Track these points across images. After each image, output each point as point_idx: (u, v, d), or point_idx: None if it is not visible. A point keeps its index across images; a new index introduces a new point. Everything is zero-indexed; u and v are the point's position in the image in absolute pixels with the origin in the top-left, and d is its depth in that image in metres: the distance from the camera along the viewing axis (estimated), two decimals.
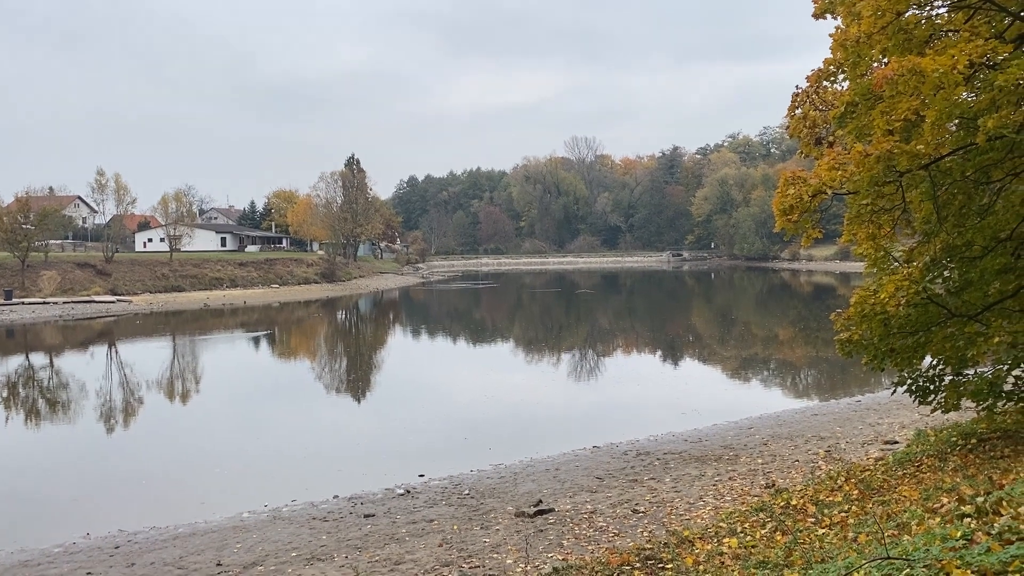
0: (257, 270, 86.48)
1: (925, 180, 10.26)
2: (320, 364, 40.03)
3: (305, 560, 11.71)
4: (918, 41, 10.33)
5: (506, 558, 10.96)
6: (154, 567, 11.82)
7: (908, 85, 8.95)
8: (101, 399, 28.88)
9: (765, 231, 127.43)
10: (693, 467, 16.15)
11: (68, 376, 35.55)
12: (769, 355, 39.42)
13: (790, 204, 10.52)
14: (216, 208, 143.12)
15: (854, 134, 10.67)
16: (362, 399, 29.30)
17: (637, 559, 8.65)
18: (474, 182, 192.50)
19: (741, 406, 23.61)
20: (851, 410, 21.84)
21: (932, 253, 11.14)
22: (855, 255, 12.59)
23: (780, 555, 7.25)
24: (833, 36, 10.81)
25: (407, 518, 13.72)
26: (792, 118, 12.49)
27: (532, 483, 15.74)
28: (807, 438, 18.19)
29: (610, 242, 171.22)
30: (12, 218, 67.83)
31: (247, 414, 26.22)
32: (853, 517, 8.67)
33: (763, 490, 13.37)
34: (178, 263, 80.00)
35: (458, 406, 26.42)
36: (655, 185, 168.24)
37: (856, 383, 27.88)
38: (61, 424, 25.99)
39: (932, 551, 4.90)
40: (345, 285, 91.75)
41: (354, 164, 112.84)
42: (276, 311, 67.72)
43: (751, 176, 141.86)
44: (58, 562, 12.35)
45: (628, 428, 20.75)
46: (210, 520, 14.37)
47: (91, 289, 68.48)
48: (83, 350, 45.60)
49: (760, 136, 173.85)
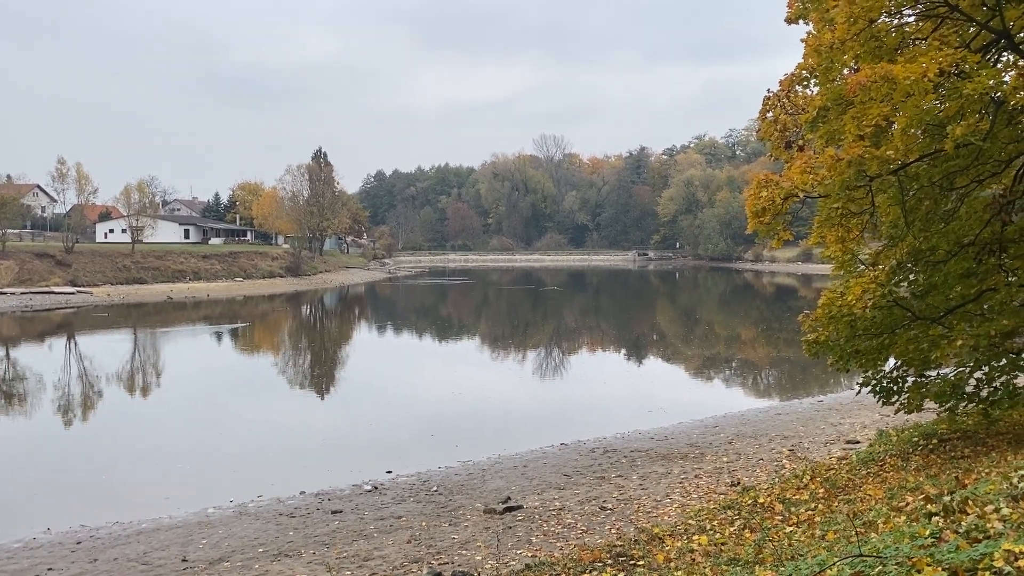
0: (221, 263, 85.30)
1: (894, 185, 10.47)
2: (285, 359, 39.64)
3: (272, 556, 11.61)
4: (888, 48, 10.52)
5: (475, 555, 10.97)
6: (117, 563, 11.64)
7: (879, 92, 9.11)
8: (60, 392, 28.31)
9: (729, 232, 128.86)
10: (660, 465, 16.30)
11: (25, 369, 34.80)
12: (733, 354, 39.88)
13: (762, 206, 10.66)
14: (180, 199, 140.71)
15: (825, 138, 10.84)
16: (328, 395, 29.09)
17: (608, 556, 8.71)
18: (442, 178, 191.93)
19: (706, 405, 23.87)
20: (814, 410, 22.19)
21: (898, 257, 11.38)
22: (823, 257, 12.80)
23: (750, 552, 7.35)
24: (806, 41, 10.96)
25: (375, 514, 13.67)
26: (763, 121, 12.62)
27: (501, 480, 15.77)
28: (771, 437, 18.45)
29: (577, 240, 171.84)
30: None
31: (211, 409, 25.88)
32: (820, 515, 8.82)
33: (729, 488, 13.54)
34: (140, 255, 78.64)
35: (425, 403, 26.35)
36: (622, 184, 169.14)
37: (818, 383, 28.35)
38: (18, 418, 25.42)
39: (902, 549, 5.00)
40: (311, 279, 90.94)
41: (321, 157, 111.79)
42: (240, 305, 66.91)
43: (716, 178, 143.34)
44: (18, 557, 12.10)
45: (595, 426, 20.87)
46: (174, 515, 14.18)
47: (50, 280, 67.05)
48: (41, 342, 44.66)
49: (726, 138, 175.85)
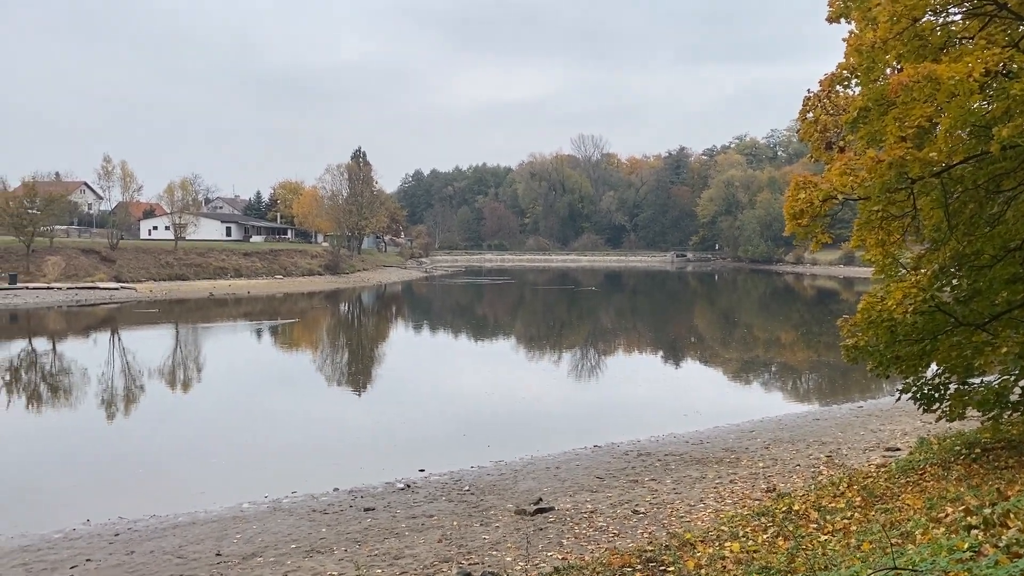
0: (262, 261, 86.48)
1: (936, 188, 10.22)
2: (322, 356, 40.04)
3: (304, 552, 11.71)
4: (933, 48, 10.26)
5: (505, 556, 10.94)
6: (153, 555, 11.82)
7: (923, 92, 8.89)
8: (103, 386, 28.90)
9: (770, 234, 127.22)
10: (694, 469, 16.12)
11: (70, 362, 35.59)
12: (771, 358, 39.36)
13: (801, 208, 10.47)
14: (222, 197, 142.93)
15: (866, 139, 10.61)
16: (363, 392, 29.30)
17: (638, 561, 8.62)
18: (479, 178, 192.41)
19: (743, 409, 23.59)
20: (853, 415, 21.80)
21: (941, 261, 11.09)
22: (863, 261, 12.55)
23: (783, 561, 7.22)
24: (848, 41, 10.73)
25: (407, 513, 13.72)
26: (803, 122, 12.41)
27: (532, 481, 15.72)
28: (809, 442, 18.15)
29: (614, 241, 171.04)
30: (18, 203, 67.96)
31: (249, 404, 26.22)
32: (856, 524, 8.64)
33: (764, 494, 13.34)
34: (183, 252, 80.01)
35: (459, 402, 26.41)
36: (661, 185, 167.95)
37: (858, 388, 27.84)
38: (63, 410, 26.01)
39: (939, 562, 4.87)
40: (348, 278, 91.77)
41: (360, 157, 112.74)
42: (280, 302, 67.75)
43: (757, 178, 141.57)
44: (58, 548, 12.35)
45: (629, 428, 20.73)
46: (210, 510, 14.37)
47: (95, 275, 68.52)
48: (86, 336, 45.65)
49: (767, 139, 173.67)
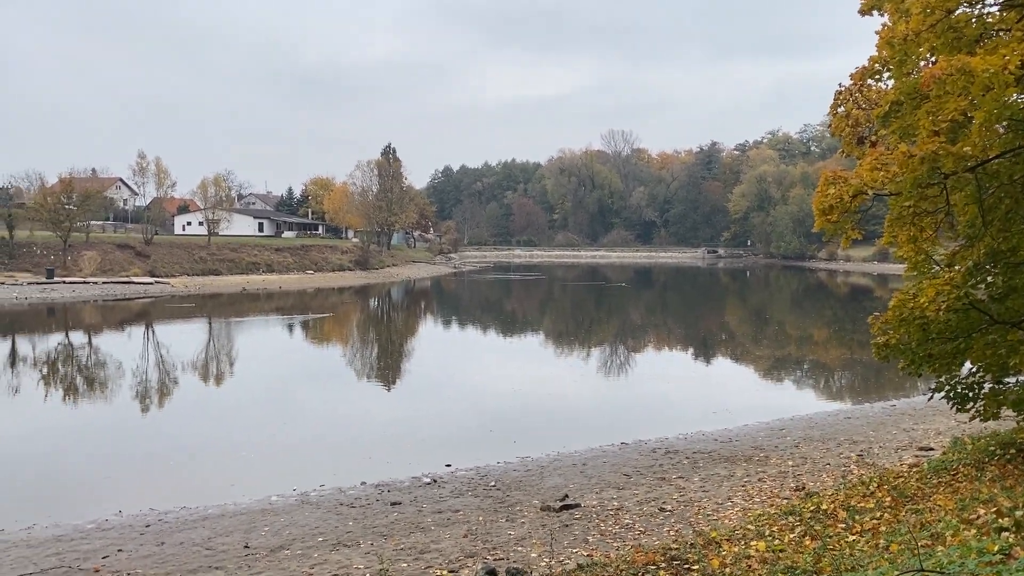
0: (293, 256, 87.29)
1: (971, 183, 10.01)
2: (352, 351, 40.33)
3: (331, 545, 11.80)
4: (968, 40, 10.06)
5: (531, 552, 10.93)
6: (183, 547, 11.98)
7: (956, 85, 8.72)
8: (137, 379, 29.37)
9: (803, 230, 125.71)
10: (722, 467, 16.00)
11: (105, 355, 36.19)
12: (803, 356, 38.93)
13: (830, 204, 10.32)
14: (254, 193, 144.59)
15: (898, 134, 10.43)
16: (391, 387, 29.46)
17: (663, 559, 8.57)
18: (508, 173, 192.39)
19: (772, 407, 23.36)
20: (885, 414, 21.49)
21: (975, 258, 10.86)
22: (895, 258, 12.33)
23: (809, 561, 7.13)
24: (879, 33, 10.55)
25: (433, 507, 13.77)
26: (834, 116, 12.23)
27: (559, 477, 15.70)
28: (839, 441, 17.93)
29: (644, 237, 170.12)
30: (56, 198, 69.21)
31: (279, 398, 26.49)
32: (885, 525, 8.51)
33: (793, 493, 13.21)
34: (216, 247, 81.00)
35: (486, 397, 26.45)
36: (692, 180, 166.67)
37: (891, 387, 27.44)
38: (97, 402, 26.47)
39: (968, 565, 4.77)
40: (378, 273, 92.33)
41: (390, 153, 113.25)
42: (311, 297, 68.34)
43: (790, 174, 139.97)
44: (91, 538, 12.57)
45: (657, 425, 20.62)
46: (239, 502, 14.53)
47: (130, 270, 69.64)
48: (120, 330, 46.42)
49: (800, 134, 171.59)
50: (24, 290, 58.63)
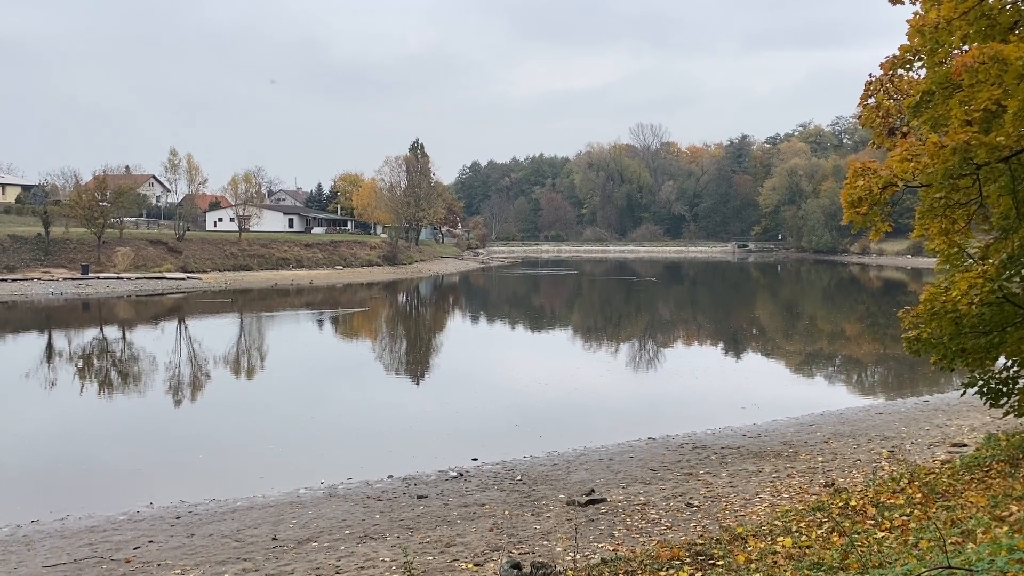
0: (322, 251, 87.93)
1: (1005, 173, 9.80)
2: (380, 345, 40.57)
3: (358, 538, 11.88)
4: (1002, 28, 9.84)
5: (556, 546, 10.93)
6: (212, 539, 12.14)
7: (989, 73, 8.53)
8: (169, 373, 29.79)
9: (835, 224, 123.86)
10: (750, 463, 15.86)
11: (138, 349, 36.78)
12: (834, 351, 38.47)
13: (859, 196, 10.16)
14: (284, 190, 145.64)
15: (929, 124, 10.24)
16: (419, 381, 29.59)
17: (687, 554, 8.51)
18: (536, 168, 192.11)
19: (803, 402, 23.11)
20: (918, 410, 21.17)
21: (1010, 250, 10.63)
22: (927, 251, 12.13)
23: (836, 557, 7.03)
24: (910, 22, 10.36)
25: (459, 501, 13.80)
26: (864, 107, 12.04)
27: (585, 472, 15.67)
28: (870, 437, 17.70)
29: (674, 231, 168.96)
30: (90, 196, 70.35)
31: (308, 391, 26.73)
32: (915, 521, 8.37)
33: (822, 489, 13.05)
34: (246, 243, 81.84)
35: (513, 392, 26.44)
36: (722, 174, 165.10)
37: (924, 382, 27.01)
38: (131, 395, 26.89)
39: (997, 562, 4.68)
40: (406, 268, 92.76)
41: (418, 149, 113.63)
42: (340, 292, 68.83)
43: (822, 167, 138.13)
44: (122, 529, 12.78)
45: (685, 420, 20.49)
46: (268, 495, 14.68)
47: (163, 266, 70.62)
48: (153, 325, 47.10)
49: (832, 126, 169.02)
50: (60, 286, 59.74)
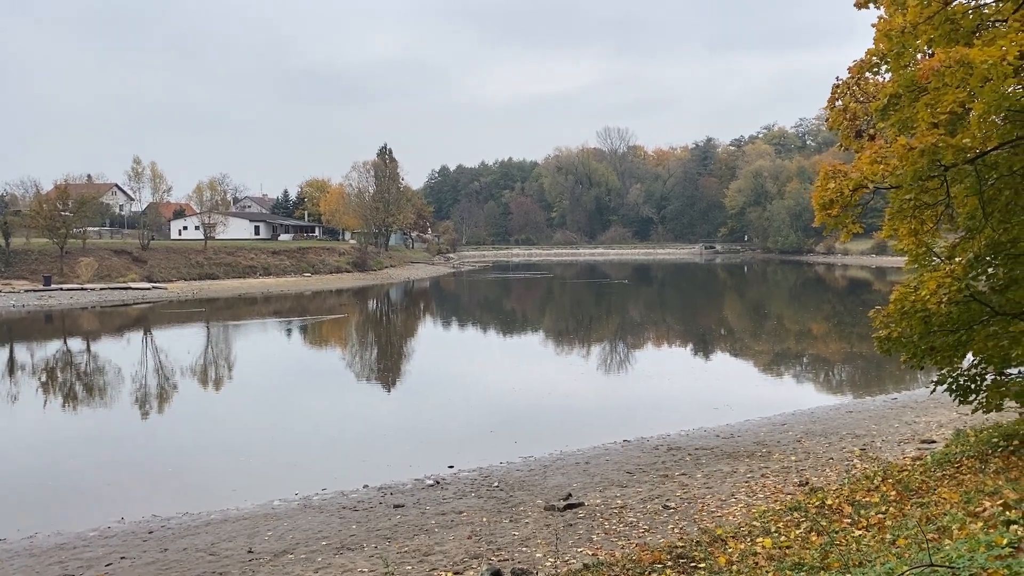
0: (290, 259, 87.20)
1: (971, 175, 9.98)
2: (351, 353, 40.27)
3: (335, 549, 11.76)
4: (965, 31, 10.04)
5: (535, 552, 10.91)
6: (186, 552, 11.95)
7: (955, 77, 8.69)
8: (136, 385, 29.30)
9: (800, 224, 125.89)
10: (725, 463, 15.97)
11: (104, 362, 36.12)
12: (803, 350, 38.92)
13: (830, 198, 10.29)
14: (250, 196, 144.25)
15: (897, 127, 10.40)
16: (392, 389, 29.41)
17: (669, 557, 8.54)
18: (506, 172, 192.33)
19: (774, 402, 23.34)
20: (887, 408, 21.48)
21: (976, 250, 10.84)
22: (895, 251, 12.32)
23: (816, 557, 7.10)
24: (877, 26, 10.53)
25: (436, 509, 13.73)
26: (832, 110, 12.21)
27: (562, 476, 15.67)
28: (842, 436, 17.91)
29: (642, 234, 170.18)
30: (51, 205, 69.17)
31: (279, 402, 26.43)
32: (891, 519, 8.49)
33: (797, 488, 13.18)
34: (212, 251, 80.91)
35: (488, 397, 26.41)
36: (688, 176, 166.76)
37: (892, 380, 27.43)
38: (96, 409, 26.41)
39: (977, 559, 4.75)
40: (376, 274, 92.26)
41: (387, 154, 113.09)
42: (308, 300, 68.26)
43: (786, 168, 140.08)
44: (93, 545, 12.53)
45: (659, 423, 20.59)
46: (242, 507, 14.50)
47: (127, 276, 69.54)
48: (119, 336, 46.33)
49: (796, 128, 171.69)
50: (22, 298, 58.52)
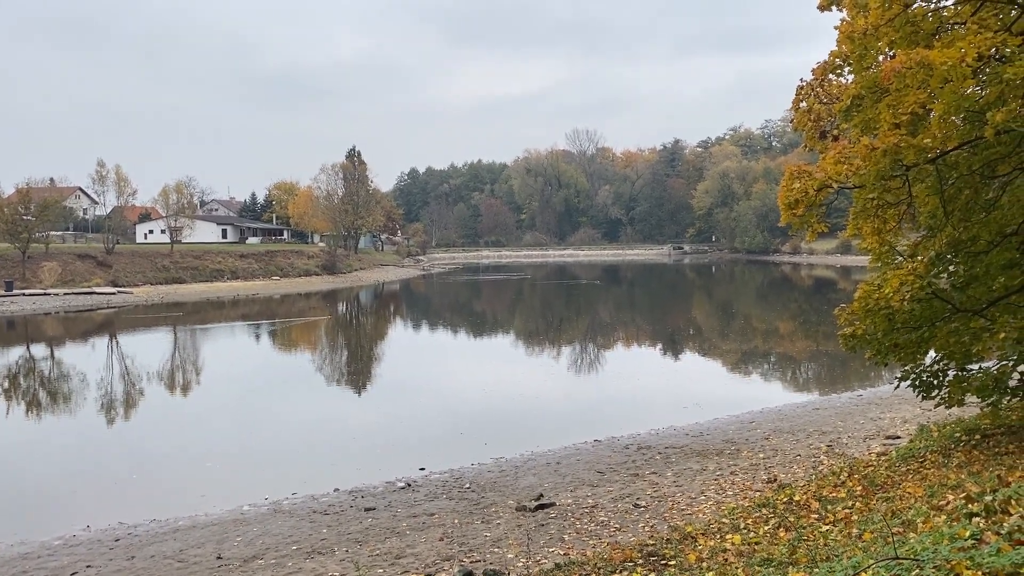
0: (258, 262, 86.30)
1: (932, 174, 10.18)
2: (320, 356, 39.96)
3: (306, 554, 11.68)
4: (925, 34, 10.23)
5: (507, 552, 10.92)
6: (154, 560, 11.78)
7: (916, 78, 8.85)
8: (101, 391, 28.82)
9: (766, 224, 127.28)
10: (694, 461, 16.10)
11: (68, 368, 35.49)
12: (770, 349, 39.36)
13: (795, 198, 10.43)
14: (217, 200, 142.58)
15: (860, 128, 10.58)
16: (362, 392, 29.24)
17: (640, 555, 8.59)
18: (475, 174, 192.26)
19: (742, 400, 23.57)
20: (852, 404, 21.79)
21: (937, 248, 11.06)
22: (859, 249, 12.52)
23: (784, 552, 7.19)
24: (840, 28, 10.70)
25: (408, 512, 13.69)
26: (797, 111, 12.35)
27: (533, 477, 15.70)
28: (809, 432, 18.15)
29: (611, 235, 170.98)
30: (13, 209, 67.67)
31: (247, 406, 26.16)
32: (857, 514, 8.62)
33: (765, 485, 13.33)
34: (179, 255, 79.85)
35: (458, 399, 26.36)
36: (656, 178, 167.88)
37: (857, 377, 27.85)
38: (61, 416, 25.93)
39: (941, 551, 4.84)
40: (346, 277, 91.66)
41: (355, 156, 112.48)
42: (277, 303, 67.62)
43: (752, 169, 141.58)
44: (58, 555, 12.31)
45: (629, 422, 20.70)
46: (210, 513, 14.33)
47: (92, 280, 68.38)
48: (83, 341, 45.56)
49: (761, 129, 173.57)
50: None
